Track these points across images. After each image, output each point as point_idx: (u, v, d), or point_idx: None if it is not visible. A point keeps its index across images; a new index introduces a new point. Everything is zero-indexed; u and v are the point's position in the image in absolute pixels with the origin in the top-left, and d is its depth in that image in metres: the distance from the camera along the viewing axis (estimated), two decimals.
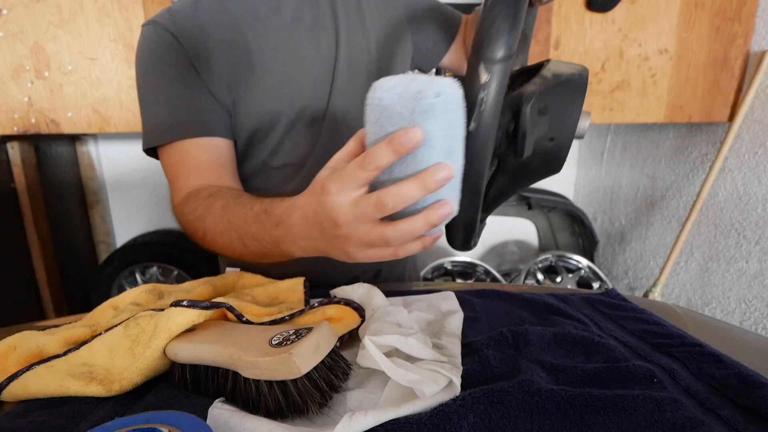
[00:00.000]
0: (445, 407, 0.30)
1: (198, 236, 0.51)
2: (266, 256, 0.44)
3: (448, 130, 0.29)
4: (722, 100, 1.36)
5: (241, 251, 0.46)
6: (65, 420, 0.32)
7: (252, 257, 0.46)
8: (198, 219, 0.50)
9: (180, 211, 0.54)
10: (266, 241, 0.42)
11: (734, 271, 1.36)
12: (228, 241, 0.46)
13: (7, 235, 1.34)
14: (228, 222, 0.46)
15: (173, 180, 0.57)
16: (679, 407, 0.31)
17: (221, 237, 0.47)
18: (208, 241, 0.50)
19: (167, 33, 0.56)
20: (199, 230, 0.50)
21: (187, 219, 0.52)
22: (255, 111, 0.59)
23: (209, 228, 0.49)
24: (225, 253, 0.49)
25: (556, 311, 0.50)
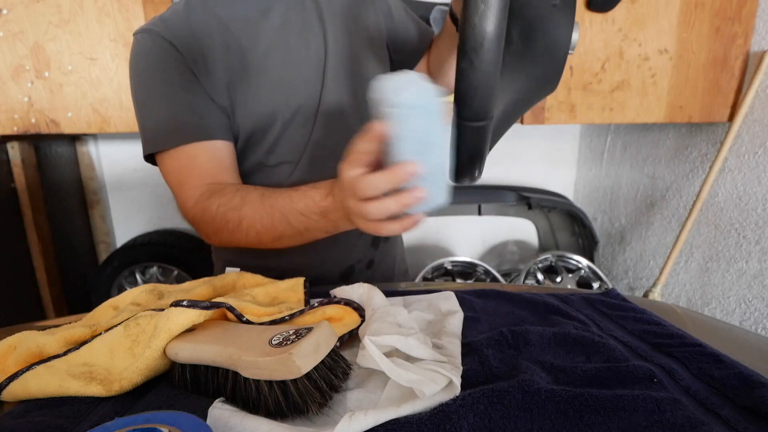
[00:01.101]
0: (445, 407, 0.30)
1: (230, 227, 0.53)
2: (309, 231, 0.51)
3: (412, 132, 0.35)
4: (722, 100, 1.36)
5: (283, 230, 0.51)
6: (65, 420, 0.32)
7: (293, 235, 0.52)
8: (232, 209, 0.53)
9: (203, 208, 0.55)
10: (314, 213, 0.48)
11: (734, 271, 1.36)
12: (270, 223, 0.51)
13: (7, 235, 1.34)
14: (270, 206, 0.51)
15: (182, 183, 0.58)
16: (679, 407, 0.31)
17: (262, 220, 0.51)
18: (244, 228, 0.53)
19: (164, 40, 0.56)
20: (232, 221, 0.53)
21: (215, 213, 0.54)
22: (252, 112, 0.60)
23: (247, 216, 0.52)
24: (262, 238, 0.53)
25: (556, 311, 0.50)
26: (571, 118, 1.36)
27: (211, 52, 0.58)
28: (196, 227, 0.58)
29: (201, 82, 0.57)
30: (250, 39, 0.59)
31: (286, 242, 0.53)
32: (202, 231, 0.57)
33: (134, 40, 0.59)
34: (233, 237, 0.54)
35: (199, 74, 0.57)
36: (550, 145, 2.04)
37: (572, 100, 1.34)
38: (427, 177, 0.36)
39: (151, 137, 0.58)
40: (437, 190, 0.37)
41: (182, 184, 0.58)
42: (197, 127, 0.57)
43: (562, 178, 2.10)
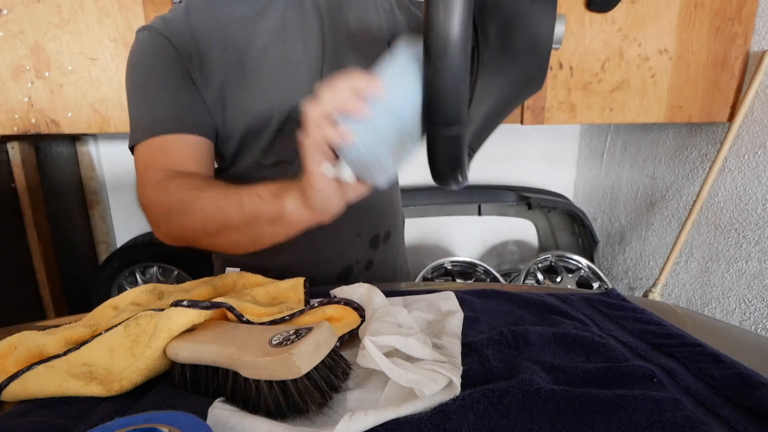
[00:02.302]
0: (445, 407, 0.30)
1: (182, 207, 0.49)
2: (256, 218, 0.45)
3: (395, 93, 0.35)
4: (722, 100, 1.36)
5: (232, 214, 0.46)
6: (65, 420, 0.32)
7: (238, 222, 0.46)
8: (192, 189, 0.50)
9: (163, 188, 0.52)
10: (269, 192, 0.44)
11: (734, 271, 1.36)
12: (222, 206, 0.47)
13: (7, 235, 1.34)
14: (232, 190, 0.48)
15: (147, 166, 0.55)
16: (679, 407, 0.31)
17: (216, 202, 0.48)
18: (196, 210, 0.48)
19: (162, 36, 0.57)
20: (186, 200, 0.49)
21: (173, 192, 0.51)
22: (247, 111, 0.60)
23: (203, 197, 0.49)
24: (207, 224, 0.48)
25: (556, 311, 0.50)
26: (571, 118, 1.36)
27: (209, 52, 0.58)
28: (148, 212, 0.54)
29: (195, 80, 0.57)
30: (248, 39, 0.60)
31: (231, 235, 0.48)
32: (154, 214, 0.53)
33: (135, 37, 0.59)
34: (181, 221, 0.50)
35: (194, 72, 0.57)
36: (550, 145, 2.04)
37: (572, 100, 1.34)
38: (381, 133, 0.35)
39: (133, 130, 0.58)
40: (382, 156, 0.36)
41: (147, 167, 0.55)
42: (175, 120, 0.56)
43: (562, 178, 2.10)
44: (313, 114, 0.36)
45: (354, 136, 0.34)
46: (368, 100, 0.34)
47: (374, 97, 0.35)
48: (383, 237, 0.75)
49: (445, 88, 0.32)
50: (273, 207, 0.44)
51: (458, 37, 0.30)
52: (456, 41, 0.30)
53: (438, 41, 0.30)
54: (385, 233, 0.75)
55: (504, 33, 0.36)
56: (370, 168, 0.36)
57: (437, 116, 0.33)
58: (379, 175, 0.37)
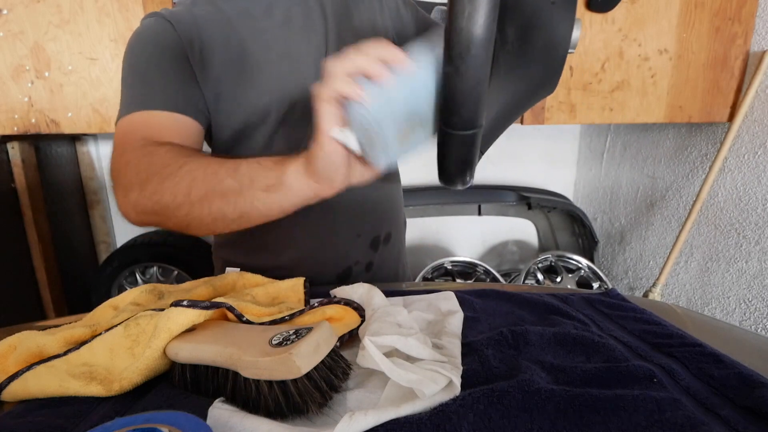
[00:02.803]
0: (445, 407, 0.30)
1: (166, 172, 0.44)
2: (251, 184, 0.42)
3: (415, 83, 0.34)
4: (722, 100, 1.36)
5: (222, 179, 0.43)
6: (65, 420, 0.32)
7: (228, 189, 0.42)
8: (181, 155, 0.46)
9: (149, 151, 0.47)
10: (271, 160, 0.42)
11: (734, 271, 1.36)
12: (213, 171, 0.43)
13: (7, 235, 1.34)
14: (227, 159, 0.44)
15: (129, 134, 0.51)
16: (679, 407, 0.31)
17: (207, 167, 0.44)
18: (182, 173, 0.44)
19: (165, 21, 0.57)
20: (172, 165, 0.45)
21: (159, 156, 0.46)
22: (244, 105, 0.60)
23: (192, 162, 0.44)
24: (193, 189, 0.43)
25: (556, 311, 0.50)
26: (571, 118, 1.36)
27: (209, 42, 0.58)
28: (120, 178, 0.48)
29: (193, 67, 0.57)
30: (251, 34, 0.60)
31: (216, 203, 0.43)
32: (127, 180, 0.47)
33: (140, 24, 0.59)
34: (161, 186, 0.44)
35: (192, 59, 0.57)
36: (550, 145, 2.04)
37: (572, 100, 1.34)
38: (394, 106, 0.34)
39: (123, 106, 0.55)
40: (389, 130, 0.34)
41: (128, 135, 0.51)
42: (167, 99, 0.54)
43: (562, 178, 2.10)
44: (335, 68, 0.35)
45: (367, 98, 0.33)
46: (391, 71, 0.34)
47: (398, 70, 0.34)
48: (384, 238, 0.74)
49: (465, 90, 0.31)
50: (273, 172, 0.41)
51: (482, 39, 0.29)
52: (480, 43, 0.29)
53: (461, 42, 0.29)
54: (385, 235, 0.75)
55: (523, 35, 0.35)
56: (374, 140, 0.35)
57: (454, 119, 0.32)
58: (382, 152, 0.36)
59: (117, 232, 1.86)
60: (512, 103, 0.39)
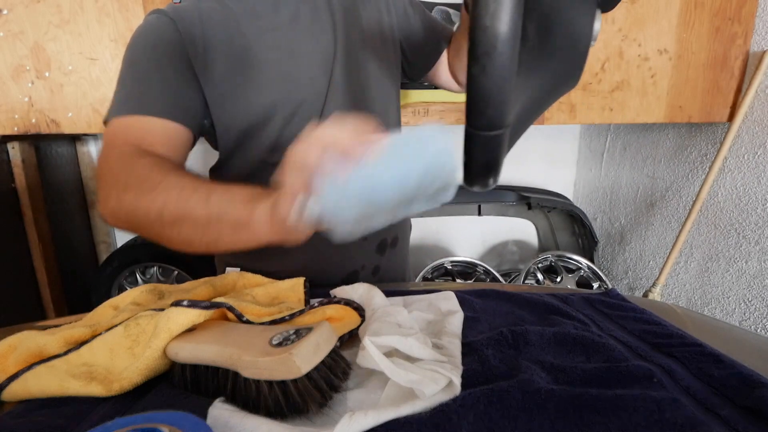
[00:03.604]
0: (445, 407, 0.30)
1: (145, 187, 0.45)
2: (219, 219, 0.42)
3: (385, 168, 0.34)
4: (722, 100, 1.36)
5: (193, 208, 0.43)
6: (65, 420, 0.32)
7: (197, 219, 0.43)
8: (159, 171, 0.46)
9: (128, 162, 0.48)
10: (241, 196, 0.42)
11: (734, 271, 1.36)
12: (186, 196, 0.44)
13: (7, 235, 1.34)
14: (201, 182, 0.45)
15: (114, 141, 0.52)
16: (679, 407, 0.31)
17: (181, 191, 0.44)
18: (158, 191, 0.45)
19: (168, 18, 0.56)
20: (151, 180, 0.46)
21: (139, 167, 0.47)
22: (250, 104, 0.59)
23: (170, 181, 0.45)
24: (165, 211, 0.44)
25: (556, 311, 0.50)
26: (571, 118, 1.36)
27: (214, 41, 0.57)
28: (102, 182, 0.49)
29: (195, 68, 0.56)
30: (257, 32, 0.59)
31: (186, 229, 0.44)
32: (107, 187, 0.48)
33: (143, 20, 0.59)
34: (137, 200, 0.45)
35: (195, 59, 0.56)
36: (550, 145, 2.04)
37: (572, 100, 1.34)
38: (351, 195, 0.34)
39: (113, 105, 0.55)
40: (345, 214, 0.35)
41: (116, 138, 0.52)
42: (157, 104, 0.54)
43: (562, 178, 2.10)
44: (296, 156, 0.36)
45: (318, 193, 0.34)
46: (356, 159, 0.34)
47: (361, 160, 0.34)
48: (390, 242, 0.74)
49: (492, 90, 0.30)
50: (242, 212, 0.41)
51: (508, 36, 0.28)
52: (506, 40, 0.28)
53: (487, 40, 0.28)
54: (392, 238, 0.74)
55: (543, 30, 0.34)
56: (328, 225, 0.35)
57: (481, 119, 0.31)
58: (338, 228, 0.36)
59: (117, 232, 1.86)
60: (535, 100, 0.37)
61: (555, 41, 0.35)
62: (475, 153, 0.34)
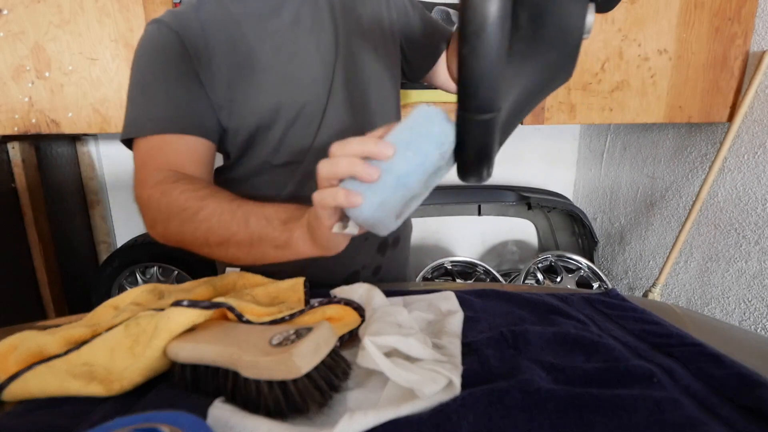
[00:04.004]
0: (445, 407, 0.30)
1: (184, 216, 0.49)
2: (261, 240, 0.46)
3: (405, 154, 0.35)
4: (722, 100, 1.36)
5: (236, 231, 0.47)
6: (65, 420, 0.32)
7: (241, 241, 0.46)
8: (196, 198, 0.49)
9: (164, 190, 0.51)
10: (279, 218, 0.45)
11: (734, 271, 1.36)
12: (227, 220, 0.47)
13: (7, 235, 1.34)
14: (238, 205, 0.48)
15: (146, 164, 0.55)
16: (679, 407, 0.31)
17: (221, 216, 0.47)
18: (198, 219, 0.48)
19: (170, 31, 0.56)
20: (190, 209, 0.49)
21: (176, 197, 0.50)
22: (255, 108, 0.60)
23: (208, 207, 0.48)
24: (210, 235, 0.48)
25: (556, 311, 0.50)
26: (571, 118, 1.36)
27: (217, 47, 0.57)
28: (145, 210, 0.53)
29: (200, 76, 0.57)
30: (259, 35, 0.59)
31: (231, 250, 0.48)
32: (151, 215, 0.52)
33: (144, 29, 0.59)
34: (182, 228, 0.49)
35: (200, 68, 0.57)
36: (550, 145, 2.04)
37: (572, 100, 1.34)
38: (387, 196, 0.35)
39: (130, 122, 0.57)
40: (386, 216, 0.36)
41: (146, 165, 0.55)
42: (175, 120, 0.56)
43: (562, 178, 2.10)
44: (324, 173, 0.37)
45: (360, 199, 0.35)
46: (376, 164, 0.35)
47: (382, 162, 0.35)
48: (392, 242, 0.74)
49: (482, 70, 0.30)
50: (282, 235, 0.44)
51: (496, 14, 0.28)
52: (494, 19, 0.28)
53: (475, 19, 0.28)
54: (393, 239, 0.74)
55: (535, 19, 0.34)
56: (373, 225, 0.37)
57: (472, 100, 0.31)
58: (382, 229, 0.37)
59: (117, 232, 1.86)
60: (529, 91, 0.38)
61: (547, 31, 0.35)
62: (467, 138, 0.34)
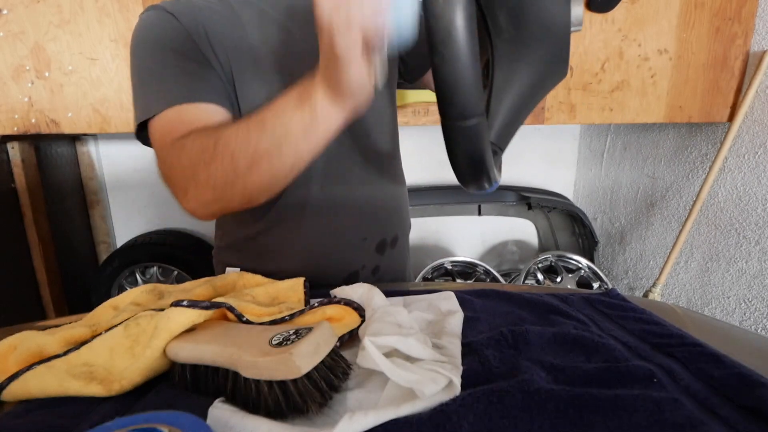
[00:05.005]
0: (445, 407, 0.30)
1: (205, 157, 0.45)
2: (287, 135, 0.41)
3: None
4: (722, 100, 1.36)
5: (258, 141, 0.43)
6: (65, 420, 0.32)
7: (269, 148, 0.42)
8: (209, 136, 0.46)
9: (180, 145, 0.48)
10: (292, 100, 0.41)
11: (734, 271, 1.36)
12: (245, 137, 0.43)
13: (7, 235, 1.34)
14: (248, 119, 0.44)
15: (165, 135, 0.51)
16: (679, 407, 0.31)
17: (237, 136, 0.44)
18: (219, 152, 0.44)
19: (168, 14, 0.56)
20: (208, 148, 0.45)
21: (191, 146, 0.47)
22: (251, 99, 0.59)
23: (223, 135, 0.44)
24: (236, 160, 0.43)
25: (556, 311, 0.50)
26: (571, 118, 1.36)
27: (215, 35, 0.57)
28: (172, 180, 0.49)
29: (204, 54, 0.56)
30: (254, 23, 0.59)
31: (264, 165, 0.43)
32: (178, 179, 0.48)
33: (139, 18, 0.58)
34: (209, 170, 0.45)
35: (203, 48, 0.56)
36: (550, 145, 2.04)
37: (572, 100, 1.34)
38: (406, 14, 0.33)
39: (142, 106, 0.54)
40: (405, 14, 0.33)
41: (164, 140, 0.51)
42: (191, 90, 0.53)
43: (562, 178, 2.10)
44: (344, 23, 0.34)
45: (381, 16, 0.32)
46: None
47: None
48: (390, 242, 0.74)
49: (455, 77, 0.30)
50: (303, 112, 0.40)
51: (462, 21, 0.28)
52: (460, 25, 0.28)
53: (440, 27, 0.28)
54: (392, 238, 0.74)
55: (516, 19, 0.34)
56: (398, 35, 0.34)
57: (451, 108, 0.31)
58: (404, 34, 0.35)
59: (117, 232, 1.86)
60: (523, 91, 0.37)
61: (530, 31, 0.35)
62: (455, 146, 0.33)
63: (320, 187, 0.65)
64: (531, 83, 0.37)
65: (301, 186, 0.64)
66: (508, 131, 0.38)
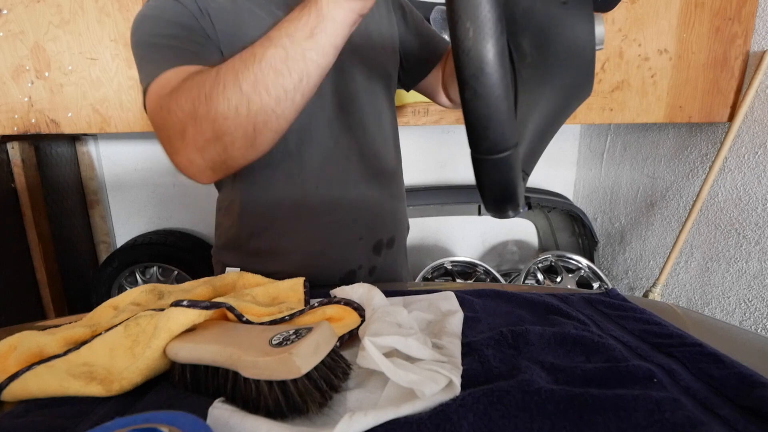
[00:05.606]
0: (445, 407, 0.30)
1: (206, 89, 0.43)
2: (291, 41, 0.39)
3: None
4: (722, 100, 1.36)
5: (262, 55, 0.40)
6: (65, 420, 0.32)
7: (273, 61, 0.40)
8: (209, 70, 0.44)
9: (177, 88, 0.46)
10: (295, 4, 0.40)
11: (734, 271, 1.36)
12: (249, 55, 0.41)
13: (7, 235, 1.34)
14: (253, 43, 0.42)
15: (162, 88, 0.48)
16: (679, 407, 0.31)
17: (241, 56, 0.42)
18: (220, 80, 0.42)
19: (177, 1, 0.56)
20: (208, 80, 0.43)
21: (191, 84, 0.45)
22: None
23: (224, 65, 0.42)
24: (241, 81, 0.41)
25: (556, 311, 0.50)
26: (571, 118, 1.36)
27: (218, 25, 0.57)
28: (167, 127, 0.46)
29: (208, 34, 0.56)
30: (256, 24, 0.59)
31: (270, 78, 0.40)
32: (174, 123, 0.45)
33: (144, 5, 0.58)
34: (209, 105, 0.42)
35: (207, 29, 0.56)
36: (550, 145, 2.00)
37: None
38: None
39: (149, 72, 0.52)
40: None
41: (161, 89, 0.49)
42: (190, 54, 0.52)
43: (562, 178, 2.10)
44: None
45: None
46: None
47: None
48: (387, 243, 0.74)
49: (488, 112, 0.28)
50: (308, 13, 0.38)
51: (493, 54, 0.27)
52: (492, 59, 0.27)
53: (472, 63, 0.27)
54: (388, 239, 0.74)
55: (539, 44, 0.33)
56: None
57: (484, 143, 0.30)
58: None
59: (117, 232, 1.86)
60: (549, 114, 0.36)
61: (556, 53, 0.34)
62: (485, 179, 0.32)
63: (316, 186, 0.65)
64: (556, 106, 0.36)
65: (297, 184, 0.64)
66: (534, 156, 0.37)
